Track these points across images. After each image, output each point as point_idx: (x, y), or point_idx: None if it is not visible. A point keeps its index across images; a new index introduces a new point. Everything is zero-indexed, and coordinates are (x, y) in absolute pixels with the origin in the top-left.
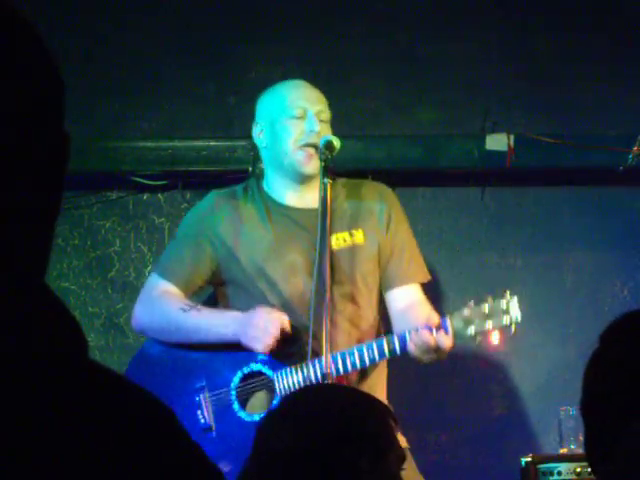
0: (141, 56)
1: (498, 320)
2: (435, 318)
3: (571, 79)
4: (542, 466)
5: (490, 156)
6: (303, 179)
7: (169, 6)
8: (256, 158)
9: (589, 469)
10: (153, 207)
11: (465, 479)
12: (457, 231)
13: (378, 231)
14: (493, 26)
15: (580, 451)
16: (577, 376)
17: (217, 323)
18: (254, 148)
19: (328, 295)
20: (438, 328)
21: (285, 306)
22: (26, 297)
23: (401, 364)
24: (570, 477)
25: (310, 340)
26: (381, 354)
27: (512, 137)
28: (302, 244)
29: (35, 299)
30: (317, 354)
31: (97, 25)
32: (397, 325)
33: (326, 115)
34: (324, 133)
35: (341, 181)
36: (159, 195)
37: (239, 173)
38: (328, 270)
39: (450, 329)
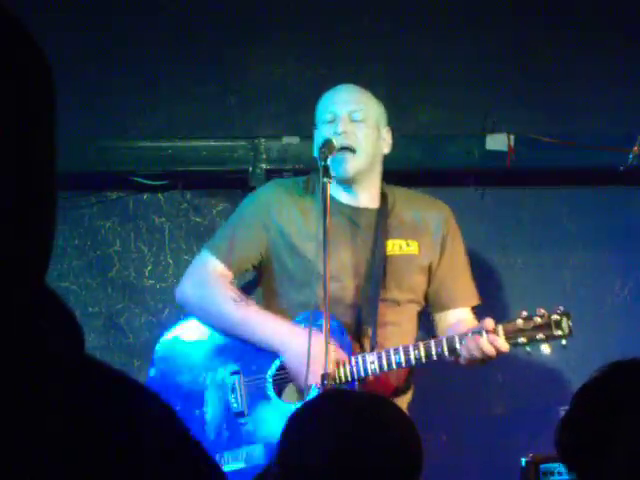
0: (141, 56)
1: (550, 332)
2: (489, 324)
3: (571, 79)
4: (542, 466)
5: (490, 156)
6: (342, 180)
7: (169, 6)
8: (257, 158)
9: None
10: (153, 207)
11: (465, 479)
12: None
13: (432, 249)
14: (493, 26)
15: None
16: (577, 376)
17: (267, 327)
18: (255, 148)
19: (328, 296)
20: (488, 332)
21: (331, 303)
22: (26, 295)
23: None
24: (570, 477)
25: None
26: (428, 355)
27: (512, 137)
28: (354, 243)
29: (34, 297)
30: (357, 352)
31: (97, 25)
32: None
33: (362, 114)
34: (357, 132)
35: (398, 189)
36: (159, 195)
37: (239, 173)
38: (329, 276)
39: (502, 337)
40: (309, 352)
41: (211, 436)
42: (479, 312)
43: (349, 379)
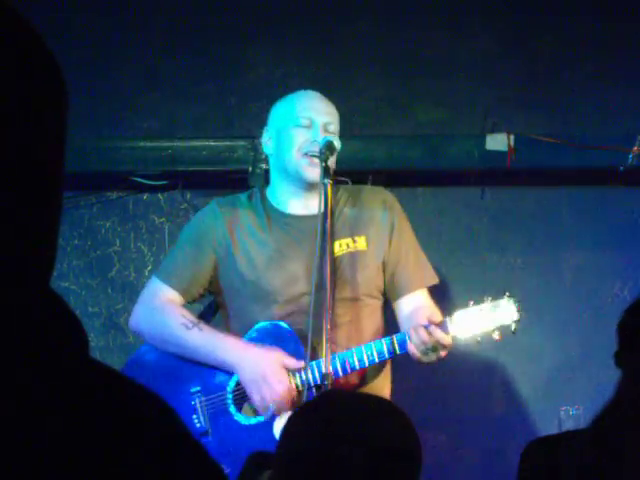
0: (141, 56)
1: (498, 319)
2: (435, 317)
3: (571, 79)
4: None
5: (490, 156)
6: (306, 186)
7: (169, 6)
8: (257, 158)
9: None
10: (153, 207)
11: (465, 479)
12: (457, 231)
13: (381, 238)
14: (493, 26)
15: None
16: (577, 376)
17: (219, 348)
18: (255, 148)
19: (329, 298)
20: (437, 327)
21: (285, 314)
22: (29, 296)
23: (400, 365)
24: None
25: (309, 346)
26: (380, 355)
27: (512, 137)
28: (304, 252)
29: (37, 298)
30: (317, 359)
31: (97, 25)
32: (403, 329)
33: (334, 127)
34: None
35: (342, 187)
36: (159, 195)
37: (239, 173)
38: (329, 275)
39: (450, 329)
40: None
41: None
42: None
43: (306, 387)
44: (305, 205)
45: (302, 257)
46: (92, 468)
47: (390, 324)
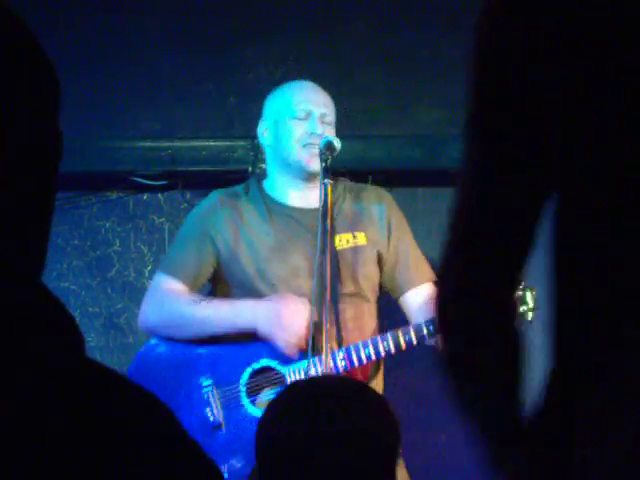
0: (141, 56)
1: (521, 307)
2: None
3: None
4: None
5: None
6: (307, 177)
7: (169, 6)
8: (257, 158)
9: None
10: (153, 207)
11: (465, 479)
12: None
13: (379, 236)
14: None
15: None
16: None
17: (229, 312)
18: (255, 148)
19: (329, 294)
20: None
21: None
22: (23, 296)
23: (400, 365)
24: None
25: (311, 338)
26: (397, 345)
27: None
28: (305, 245)
29: (32, 298)
30: (346, 349)
31: (97, 25)
32: (418, 320)
33: (330, 118)
34: (327, 135)
35: (343, 184)
36: (159, 195)
37: (239, 173)
38: (329, 270)
39: None
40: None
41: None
42: None
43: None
44: (305, 197)
45: (303, 251)
46: (90, 468)
47: (384, 323)
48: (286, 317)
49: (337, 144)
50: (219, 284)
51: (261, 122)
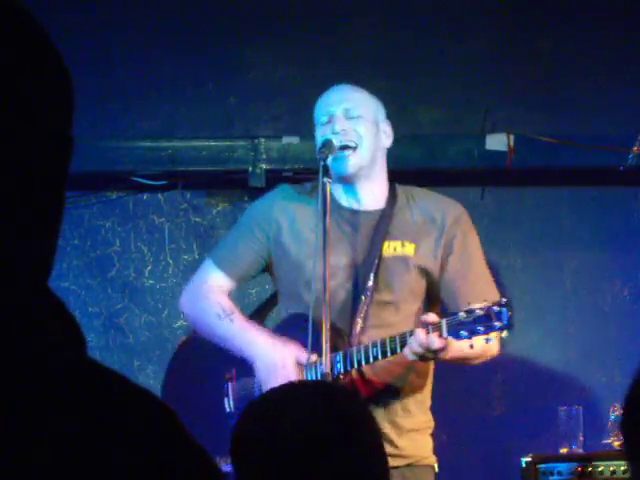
0: (141, 56)
1: (489, 324)
2: (432, 318)
3: (571, 79)
4: (542, 466)
5: (490, 156)
6: (345, 179)
7: (169, 6)
8: (257, 158)
9: (589, 469)
10: (153, 207)
11: (465, 479)
12: None
13: (434, 250)
14: (493, 26)
15: (580, 451)
16: (577, 376)
17: (242, 342)
18: (255, 148)
19: (328, 296)
20: (432, 329)
21: (318, 306)
22: (26, 297)
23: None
24: (570, 477)
25: (310, 338)
26: (384, 352)
27: (512, 137)
28: (349, 247)
29: (35, 299)
30: (344, 352)
31: (97, 25)
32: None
33: (357, 110)
34: (356, 128)
35: (402, 187)
36: (159, 195)
37: (239, 173)
38: (328, 271)
39: (444, 332)
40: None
41: (207, 439)
42: None
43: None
44: (356, 198)
45: (347, 251)
46: (90, 469)
47: None
48: (278, 375)
49: (336, 143)
50: (274, 279)
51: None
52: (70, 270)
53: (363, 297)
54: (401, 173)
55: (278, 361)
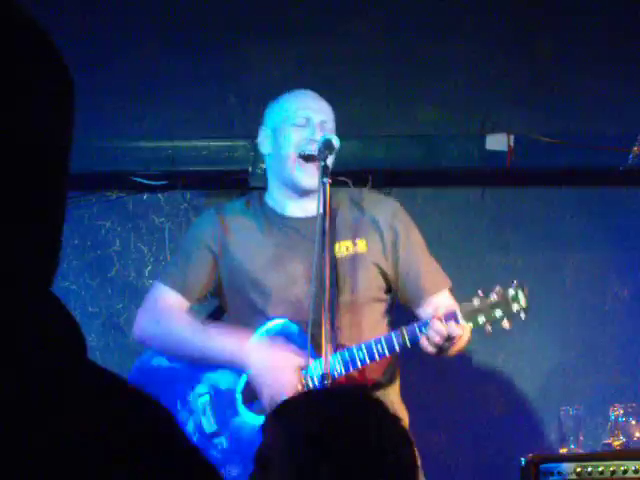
0: (141, 56)
1: (507, 308)
2: (445, 309)
3: (571, 79)
4: (542, 466)
5: (490, 156)
6: (301, 192)
7: (169, 6)
8: (257, 158)
9: (589, 469)
10: (153, 207)
11: (465, 479)
12: (457, 231)
13: (381, 244)
14: (493, 26)
15: (580, 451)
16: (577, 376)
17: (227, 347)
18: (255, 148)
19: (327, 297)
20: (448, 318)
21: (284, 315)
22: (27, 298)
23: (400, 365)
24: (570, 477)
25: (310, 345)
26: (390, 347)
27: (512, 137)
28: (303, 253)
29: (34, 301)
30: (340, 354)
31: (97, 25)
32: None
33: (330, 126)
34: (326, 134)
35: (343, 189)
36: (159, 195)
37: (239, 173)
38: (328, 275)
39: (460, 319)
40: (309, 353)
41: None
42: None
43: (316, 382)
44: (303, 208)
45: (301, 259)
46: (89, 470)
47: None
48: (279, 378)
49: (336, 142)
50: (221, 295)
51: (261, 130)
52: (70, 270)
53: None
54: (401, 173)
55: (277, 363)
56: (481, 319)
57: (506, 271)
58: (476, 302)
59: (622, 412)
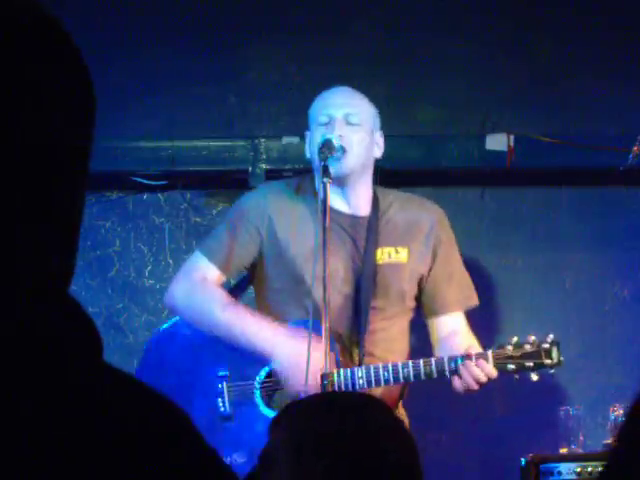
0: (141, 56)
1: (539, 361)
2: (474, 349)
3: (571, 79)
4: (542, 466)
5: (490, 156)
6: (337, 181)
7: (169, 6)
8: (257, 158)
9: (589, 469)
10: (153, 207)
11: (465, 479)
12: (457, 231)
13: (423, 254)
14: (493, 26)
15: (580, 451)
16: (577, 376)
17: (255, 333)
18: (255, 148)
19: (328, 297)
20: (478, 358)
21: (314, 311)
22: (43, 299)
23: None
24: (570, 477)
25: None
26: (416, 374)
27: (512, 137)
28: (345, 251)
29: (52, 301)
30: (344, 363)
31: (96, 25)
32: (437, 352)
33: (357, 118)
34: (352, 135)
35: (393, 193)
36: (159, 195)
37: (239, 173)
38: (328, 272)
39: (491, 361)
40: (309, 356)
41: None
42: (480, 313)
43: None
44: (348, 203)
45: (343, 257)
46: (104, 470)
47: (419, 340)
48: (300, 378)
49: (336, 142)
50: (257, 275)
51: (306, 135)
52: None
53: (363, 305)
54: (401, 173)
55: (304, 366)
56: (511, 366)
57: (506, 271)
58: (509, 349)
59: (622, 412)
